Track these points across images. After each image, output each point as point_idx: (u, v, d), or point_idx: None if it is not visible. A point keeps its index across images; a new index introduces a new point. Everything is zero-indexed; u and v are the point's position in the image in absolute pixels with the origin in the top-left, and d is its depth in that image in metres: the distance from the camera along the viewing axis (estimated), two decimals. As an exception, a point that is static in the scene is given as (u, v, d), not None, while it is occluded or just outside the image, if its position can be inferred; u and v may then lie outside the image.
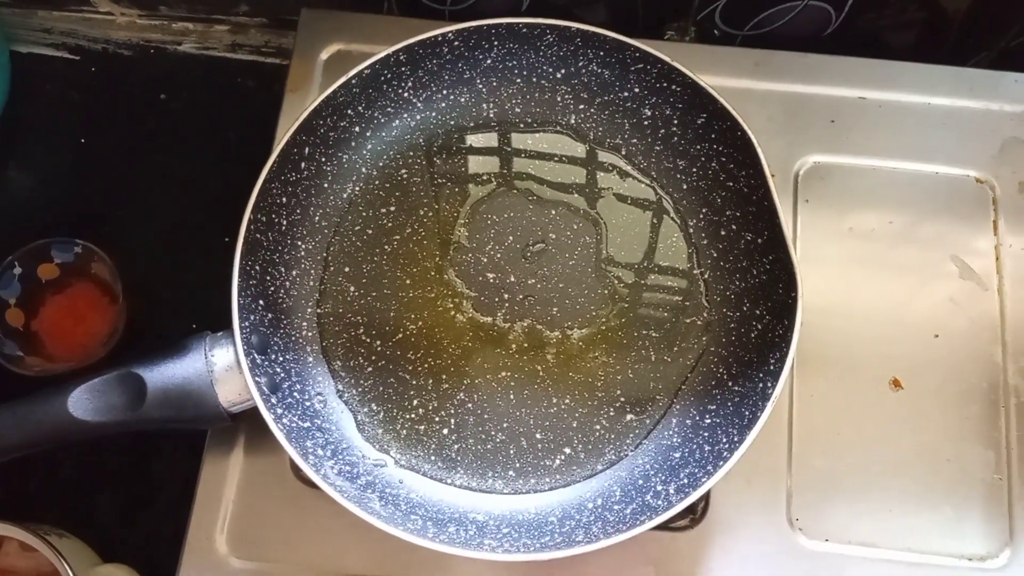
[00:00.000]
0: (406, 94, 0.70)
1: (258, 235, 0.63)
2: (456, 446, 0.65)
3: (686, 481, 0.59)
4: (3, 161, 0.80)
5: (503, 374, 0.66)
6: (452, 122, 0.72)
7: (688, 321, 0.68)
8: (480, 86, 0.72)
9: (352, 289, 0.68)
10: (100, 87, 0.83)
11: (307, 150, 0.66)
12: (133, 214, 0.78)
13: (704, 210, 0.69)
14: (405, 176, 0.71)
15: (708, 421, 0.63)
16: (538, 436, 0.65)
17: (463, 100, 0.72)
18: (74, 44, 0.84)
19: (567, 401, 0.66)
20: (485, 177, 0.71)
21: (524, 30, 0.68)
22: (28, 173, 0.80)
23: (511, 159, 0.72)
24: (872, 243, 0.71)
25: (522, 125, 0.72)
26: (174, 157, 0.81)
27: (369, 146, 0.71)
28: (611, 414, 0.65)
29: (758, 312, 0.65)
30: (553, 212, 0.70)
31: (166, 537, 0.68)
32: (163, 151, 0.81)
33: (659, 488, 0.61)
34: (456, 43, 0.68)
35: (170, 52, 0.85)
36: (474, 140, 0.72)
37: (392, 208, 0.70)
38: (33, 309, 0.72)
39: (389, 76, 0.68)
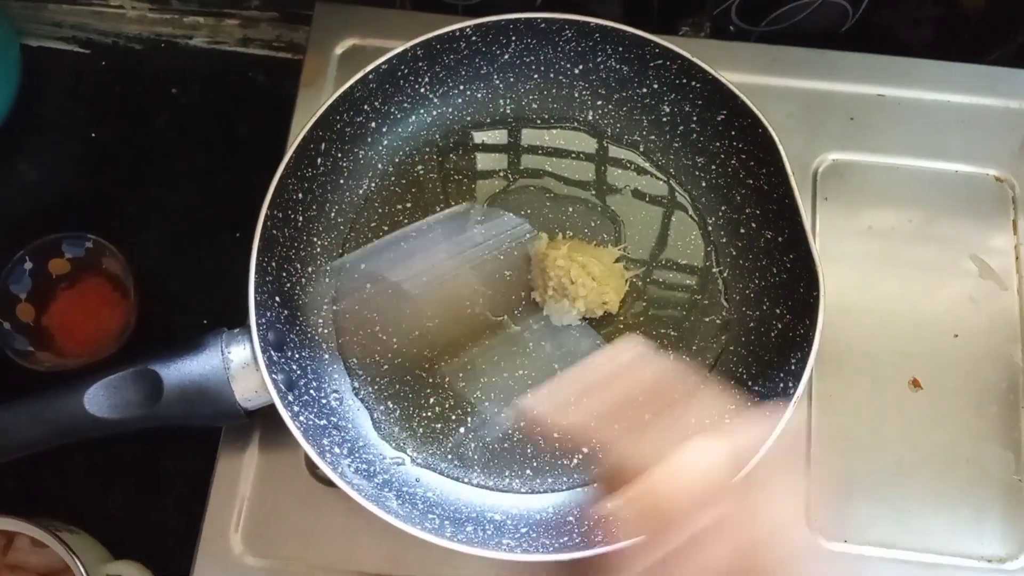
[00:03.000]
0: (423, 89, 0.70)
1: (274, 231, 0.63)
2: (473, 444, 0.64)
3: (706, 481, 0.59)
4: (13, 155, 0.80)
5: (519, 372, 0.66)
6: (468, 118, 0.72)
7: (707, 320, 0.67)
8: (497, 82, 0.71)
9: (368, 286, 0.68)
10: (110, 81, 0.82)
11: (323, 146, 0.66)
12: (144, 209, 0.78)
13: (723, 208, 0.69)
14: (421, 172, 0.71)
15: (727, 421, 0.63)
16: (555, 435, 0.64)
17: (480, 96, 0.71)
18: (84, 38, 0.84)
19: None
20: (501, 173, 0.71)
21: (542, 25, 0.67)
22: (38, 167, 0.80)
23: (527, 155, 0.71)
24: (891, 241, 0.71)
25: (539, 121, 0.72)
26: (185, 152, 0.80)
27: (385, 142, 0.70)
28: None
29: (778, 311, 0.64)
30: (570, 209, 0.70)
31: (178, 533, 0.68)
32: (174, 145, 0.80)
33: (679, 488, 0.60)
34: (474, 38, 0.67)
35: (181, 46, 0.84)
36: (490, 136, 0.72)
37: (408, 204, 0.70)
38: (44, 304, 0.72)
39: (406, 71, 0.67)
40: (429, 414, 0.65)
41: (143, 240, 0.76)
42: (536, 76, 0.71)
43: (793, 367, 0.60)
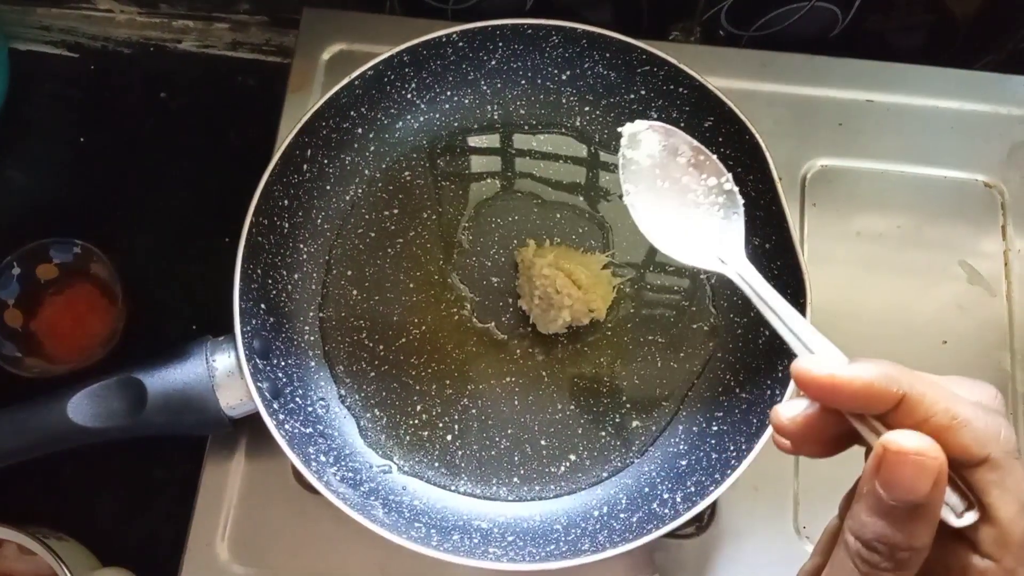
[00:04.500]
0: (409, 95, 0.69)
1: (260, 238, 0.63)
2: (460, 452, 0.64)
3: (693, 489, 0.59)
4: (1, 160, 0.79)
5: (507, 379, 0.66)
6: (456, 124, 0.71)
7: (694, 326, 0.67)
8: (484, 87, 0.71)
9: (354, 293, 0.67)
10: (99, 85, 0.82)
11: (309, 152, 0.66)
12: (132, 214, 0.78)
13: (711, 214, 0.69)
14: (408, 178, 0.70)
15: (715, 428, 0.63)
16: (543, 442, 0.64)
17: (467, 102, 0.71)
18: (73, 41, 0.83)
19: (572, 407, 0.65)
20: (489, 179, 0.71)
21: (529, 31, 0.67)
22: (27, 172, 0.79)
23: (515, 161, 0.71)
24: (880, 247, 0.71)
25: (526, 127, 0.72)
26: (174, 156, 0.80)
27: (372, 148, 0.70)
28: (617, 420, 0.65)
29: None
30: (558, 215, 0.69)
31: (165, 540, 0.68)
32: (163, 150, 0.80)
33: (666, 496, 0.60)
34: (460, 44, 0.67)
35: (170, 50, 0.84)
36: (478, 142, 0.71)
37: (395, 211, 0.70)
38: (32, 310, 0.72)
39: (392, 77, 0.67)
40: (416, 422, 0.65)
41: (131, 245, 0.76)
42: (524, 82, 0.71)
43: (780, 374, 0.60)
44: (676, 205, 0.49)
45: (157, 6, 0.82)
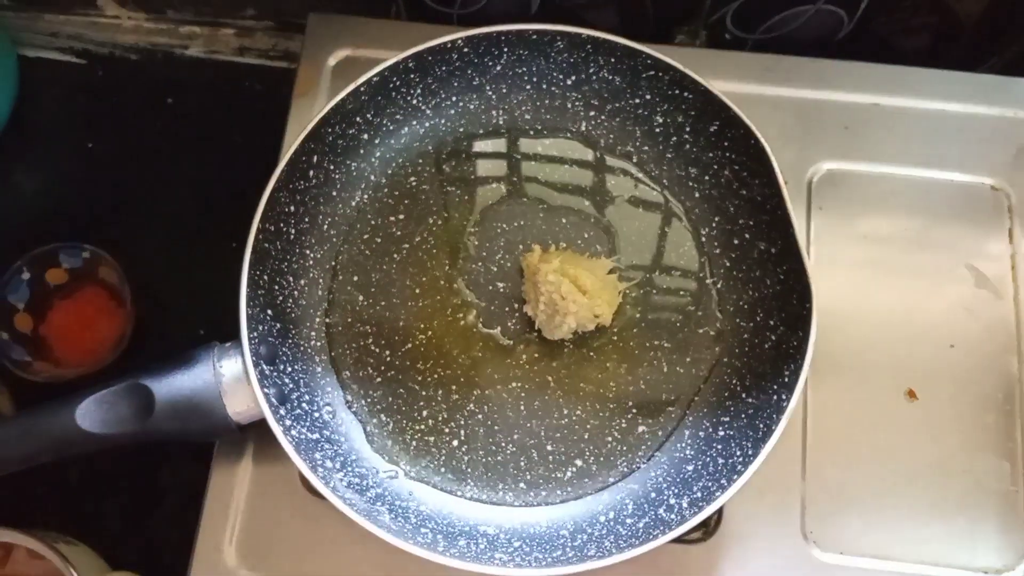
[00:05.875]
0: (415, 101, 0.70)
1: (266, 244, 0.63)
2: (466, 458, 0.64)
3: (700, 495, 0.59)
4: (10, 165, 0.80)
5: (513, 385, 0.66)
6: (461, 129, 0.72)
7: (700, 331, 0.67)
8: (490, 93, 0.71)
9: (361, 298, 0.68)
10: (107, 91, 0.83)
11: (315, 158, 0.66)
12: (141, 219, 0.78)
13: (717, 219, 0.69)
14: (414, 184, 0.70)
15: (722, 433, 0.63)
16: (549, 448, 0.65)
17: (472, 107, 0.71)
18: (81, 48, 0.84)
19: (578, 412, 0.65)
20: (495, 185, 0.71)
21: (534, 36, 0.67)
22: (35, 177, 0.80)
23: (521, 166, 0.71)
24: (886, 251, 0.71)
25: (532, 132, 0.72)
26: (181, 161, 0.80)
27: (378, 153, 0.70)
28: (623, 425, 0.65)
29: (772, 323, 0.64)
30: (564, 220, 0.70)
31: (173, 544, 0.68)
32: (170, 155, 0.80)
33: (672, 501, 0.60)
34: (465, 50, 0.67)
35: (177, 56, 0.84)
36: (484, 147, 0.72)
37: (401, 216, 0.70)
38: (41, 314, 0.72)
39: (398, 83, 0.67)
40: (422, 427, 0.65)
41: (140, 250, 0.76)
42: (529, 87, 0.71)
43: (786, 379, 0.60)
44: None
45: (164, 12, 0.83)
